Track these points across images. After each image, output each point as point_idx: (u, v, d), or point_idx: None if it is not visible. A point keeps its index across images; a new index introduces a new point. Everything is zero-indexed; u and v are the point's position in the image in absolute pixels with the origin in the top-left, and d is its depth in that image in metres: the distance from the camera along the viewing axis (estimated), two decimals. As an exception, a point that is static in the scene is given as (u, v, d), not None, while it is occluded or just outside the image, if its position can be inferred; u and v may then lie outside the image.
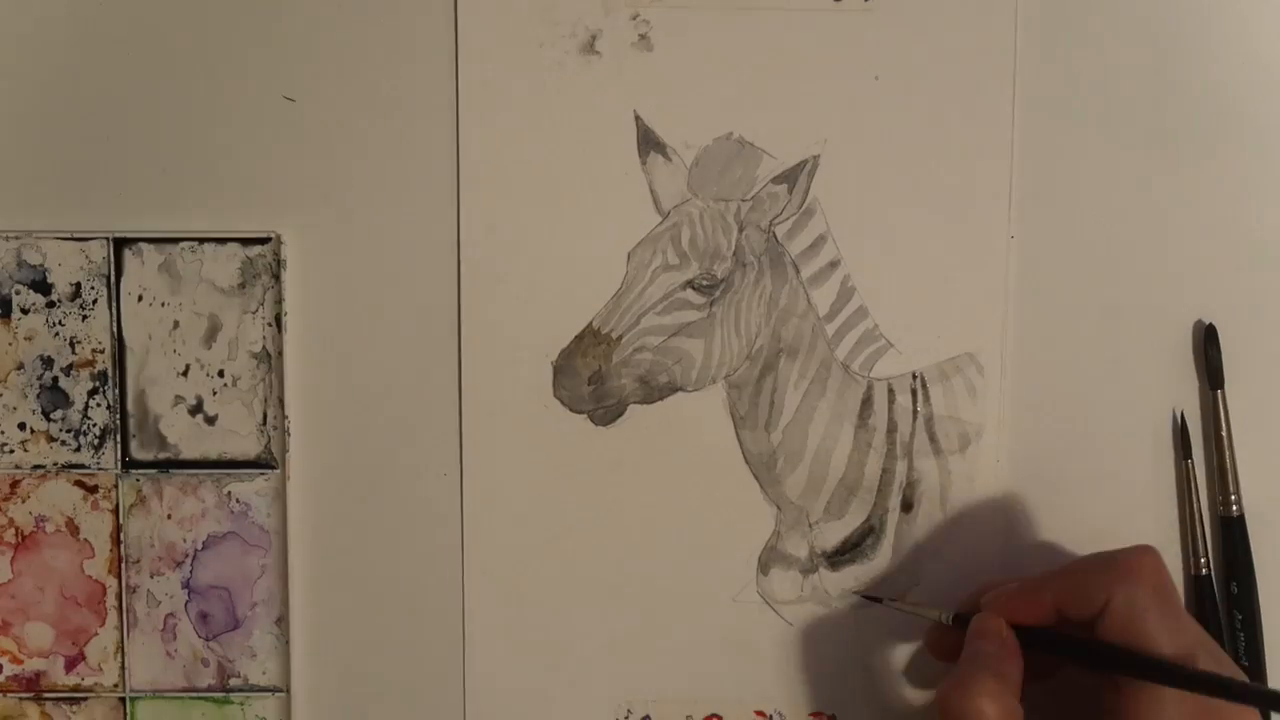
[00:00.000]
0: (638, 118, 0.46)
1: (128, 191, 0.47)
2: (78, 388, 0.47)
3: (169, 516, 0.48)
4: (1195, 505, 0.47)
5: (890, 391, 0.47)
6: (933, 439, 0.48)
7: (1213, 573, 0.48)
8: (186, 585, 0.48)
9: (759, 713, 0.48)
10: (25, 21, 0.46)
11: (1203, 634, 0.41)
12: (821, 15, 0.46)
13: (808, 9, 0.46)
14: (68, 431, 0.47)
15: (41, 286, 0.47)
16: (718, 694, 0.48)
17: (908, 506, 0.48)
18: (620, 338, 0.47)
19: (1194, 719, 0.39)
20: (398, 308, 0.47)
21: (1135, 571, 0.41)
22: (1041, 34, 0.46)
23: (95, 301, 0.47)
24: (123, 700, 0.48)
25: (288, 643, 0.48)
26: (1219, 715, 0.40)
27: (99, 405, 0.47)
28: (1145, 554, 0.42)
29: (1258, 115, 0.47)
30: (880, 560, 0.48)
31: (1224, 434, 0.47)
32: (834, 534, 0.48)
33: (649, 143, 0.47)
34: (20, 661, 0.48)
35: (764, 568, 0.48)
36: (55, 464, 0.48)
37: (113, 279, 0.47)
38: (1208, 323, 0.47)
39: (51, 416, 0.47)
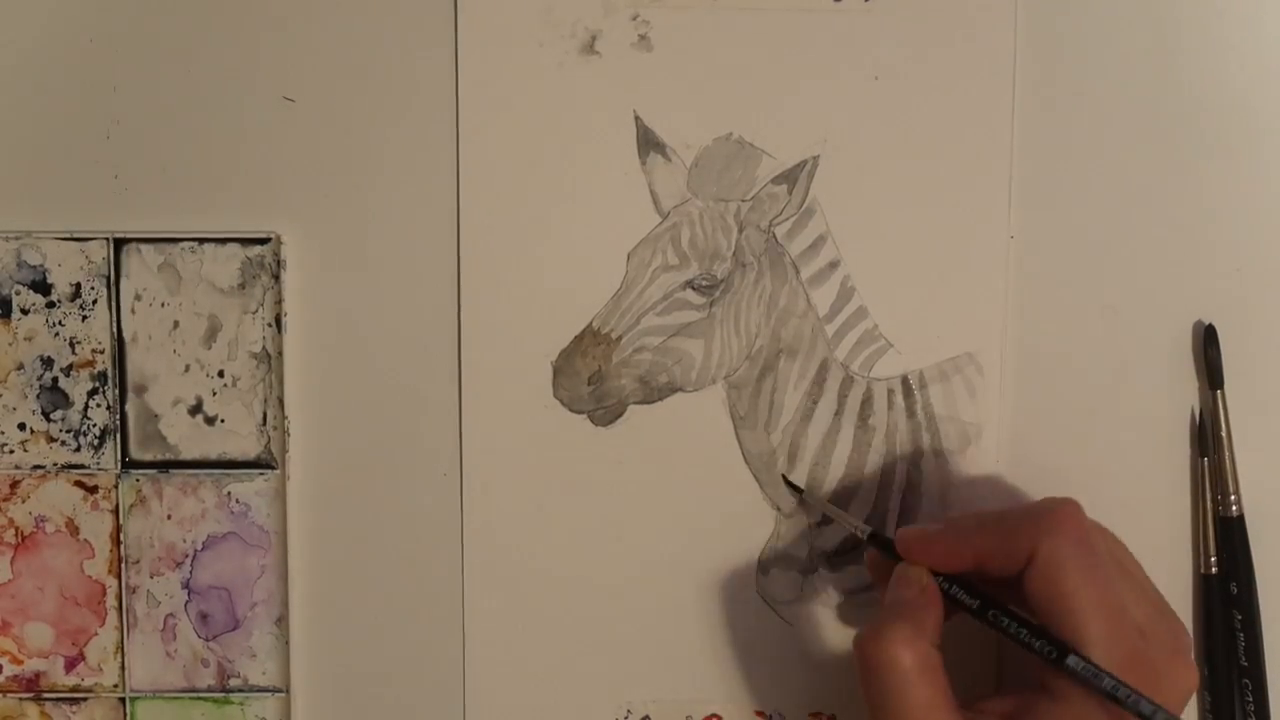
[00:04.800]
0: (637, 118, 0.46)
1: (128, 191, 0.47)
2: (78, 388, 0.47)
3: (169, 517, 0.48)
4: (1206, 503, 0.47)
5: (890, 392, 0.47)
6: (933, 439, 0.48)
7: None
8: (186, 585, 0.48)
9: (759, 713, 0.48)
10: (25, 22, 0.46)
11: (1140, 592, 0.41)
12: (821, 15, 0.46)
13: (808, 9, 0.46)
14: (67, 431, 0.47)
15: (41, 286, 0.47)
16: (718, 694, 0.48)
17: (908, 506, 0.48)
18: (620, 338, 0.47)
19: (1119, 678, 0.38)
20: (398, 308, 0.47)
21: (1061, 523, 0.40)
22: (1041, 34, 0.46)
23: (95, 301, 0.47)
24: (122, 700, 0.48)
25: (288, 643, 0.48)
26: (1145, 666, 0.39)
27: (99, 405, 0.47)
28: (1068, 505, 0.41)
29: (1258, 115, 0.47)
30: (880, 560, 0.48)
31: (1224, 434, 0.47)
32: (834, 534, 0.48)
33: (649, 143, 0.47)
34: (20, 661, 0.48)
35: (764, 568, 0.48)
36: (55, 464, 0.48)
37: (113, 279, 0.47)
38: (1208, 323, 0.47)
39: (51, 416, 0.47)
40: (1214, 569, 0.47)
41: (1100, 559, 0.40)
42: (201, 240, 0.47)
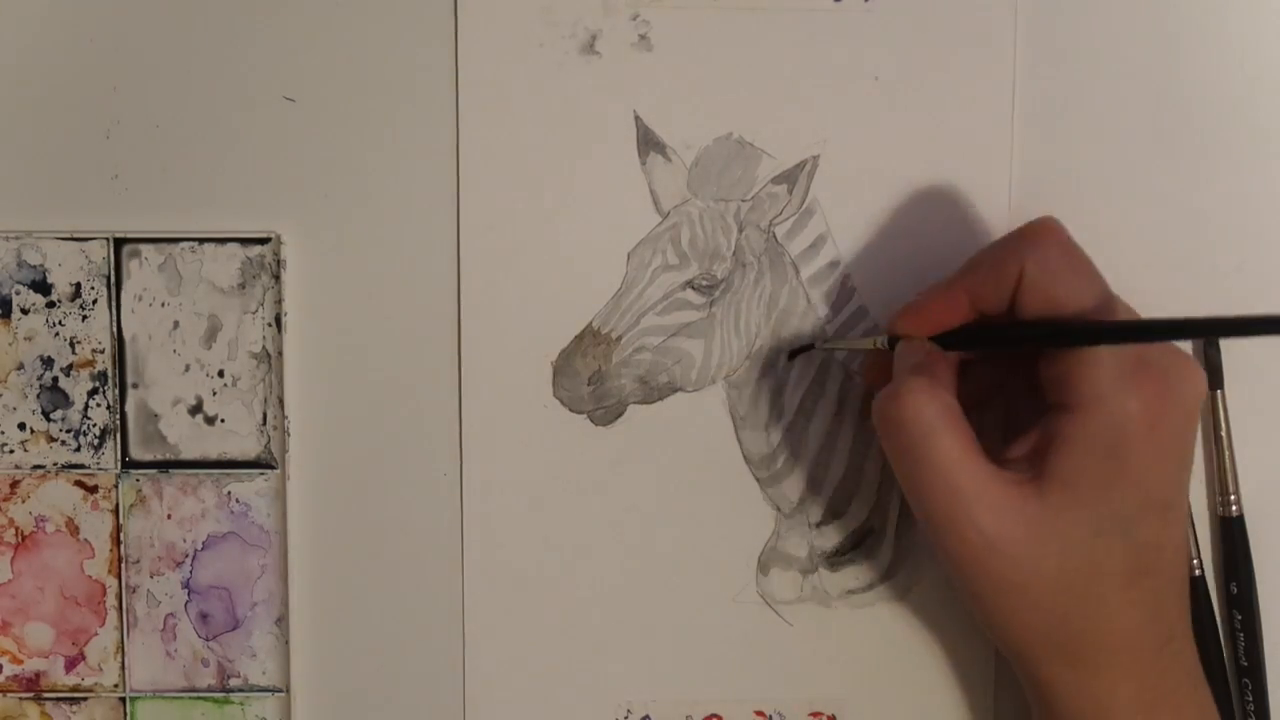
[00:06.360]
0: (638, 118, 0.46)
1: (128, 191, 0.47)
2: (78, 388, 0.47)
3: (169, 516, 0.48)
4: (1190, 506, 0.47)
5: (890, 391, 0.47)
6: (933, 439, 0.47)
7: (1209, 573, 0.48)
8: (186, 585, 0.48)
9: (759, 713, 0.48)
10: (25, 22, 0.46)
11: (1109, 289, 0.40)
12: (821, 15, 0.46)
13: (808, 9, 0.46)
14: (68, 431, 0.47)
15: (41, 286, 0.47)
16: (718, 694, 0.48)
17: (908, 506, 0.48)
18: (620, 338, 0.47)
19: (1133, 377, 0.38)
20: (398, 308, 0.47)
21: (1041, 235, 0.40)
22: (1041, 34, 0.46)
23: (95, 301, 0.47)
24: (123, 700, 0.48)
25: (288, 643, 0.48)
26: (1154, 367, 0.39)
27: (99, 405, 0.47)
28: (1045, 219, 0.41)
29: (1258, 115, 0.47)
30: (880, 560, 0.48)
31: (1224, 434, 0.47)
32: (834, 534, 0.48)
33: (649, 143, 0.47)
34: (20, 661, 0.48)
35: (764, 568, 0.48)
36: (55, 464, 0.48)
37: (113, 279, 0.47)
38: (1208, 323, 0.47)
39: (51, 416, 0.47)
40: (1197, 570, 0.47)
41: (1088, 262, 0.40)
42: (201, 240, 0.47)
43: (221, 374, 0.47)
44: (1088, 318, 0.39)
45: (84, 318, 0.47)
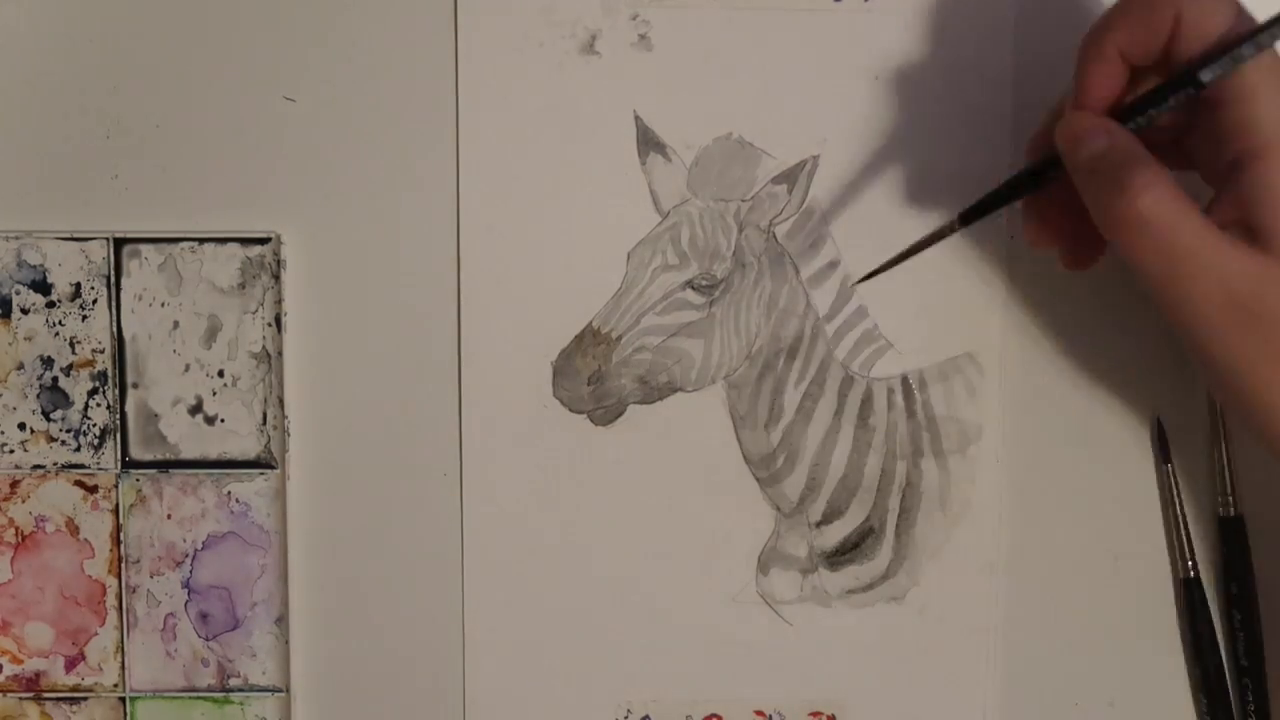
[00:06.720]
0: (637, 118, 0.46)
1: (128, 191, 0.47)
2: (78, 388, 0.47)
3: (169, 516, 0.48)
4: (1179, 508, 0.47)
5: (890, 391, 0.47)
6: (933, 439, 0.48)
7: (1202, 574, 0.48)
8: (186, 585, 0.48)
9: (759, 713, 0.48)
10: (26, 21, 0.46)
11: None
12: (821, 15, 0.46)
13: (808, 9, 0.46)
14: (68, 431, 0.47)
15: (41, 286, 0.47)
16: (718, 694, 0.48)
17: (908, 506, 0.48)
18: (620, 338, 0.47)
19: None
20: (398, 307, 0.47)
21: None
22: (1041, 34, 0.46)
23: (95, 301, 0.47)
24: (123, 700, 0.48)
25: (288, 643, 0.48)
26: None
27: (99, 405, 0.47)
28: None
29: (1257, 115, 0.47)
30: (880, 560, 0.48)
31: (1222, 434, 0.47)
32: (834, 534, 0.48)
33: (649, 143, 0.47)
34: (20, 661, 0.48)
35: (764, 568, 0.48)
36: (55, 464, 0.48)
37: (113, 279, 0.47)
38: (1208, 323, 0.47)
39: (51, 416, 0.47)
40: (1192, 573, 0.47)
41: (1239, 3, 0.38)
42: (201, 240, 0.47)
43: (221, 374, 0.47)
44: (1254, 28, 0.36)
45: (84, 318, 0.47)
